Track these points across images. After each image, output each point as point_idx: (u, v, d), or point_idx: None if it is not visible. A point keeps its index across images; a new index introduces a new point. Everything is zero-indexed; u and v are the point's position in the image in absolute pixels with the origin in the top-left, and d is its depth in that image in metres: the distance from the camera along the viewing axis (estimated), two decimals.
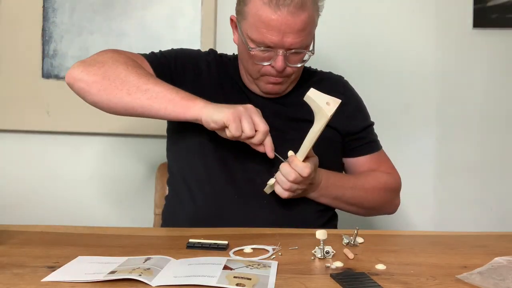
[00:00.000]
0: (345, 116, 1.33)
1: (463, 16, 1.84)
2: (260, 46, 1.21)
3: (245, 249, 0.97)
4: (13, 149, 1.87)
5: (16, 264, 0.87)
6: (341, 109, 1.31)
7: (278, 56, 1.21)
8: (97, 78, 1.17)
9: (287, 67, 1.24)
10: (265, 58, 1.24)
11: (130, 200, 1.87)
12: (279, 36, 1.19)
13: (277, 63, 1.22)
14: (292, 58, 1.24)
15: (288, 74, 1.27)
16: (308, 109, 1.13)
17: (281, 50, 1.21)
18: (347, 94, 1.40)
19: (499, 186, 1.89)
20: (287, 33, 1.19)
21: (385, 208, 1.41)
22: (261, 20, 1.18)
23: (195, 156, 1.29)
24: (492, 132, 1.88)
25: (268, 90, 1.30)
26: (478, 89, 1.87)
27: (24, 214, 1.85)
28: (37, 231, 1.09)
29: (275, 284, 0.78)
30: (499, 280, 0.80)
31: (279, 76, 1.26)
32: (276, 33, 1.18)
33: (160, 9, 1.81)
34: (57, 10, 1.82)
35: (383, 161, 1.42)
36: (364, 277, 0.82)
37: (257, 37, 1.21)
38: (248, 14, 1.22)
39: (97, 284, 0.78)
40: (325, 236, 0.93)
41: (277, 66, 1.22)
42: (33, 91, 1.82)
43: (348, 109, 1.35)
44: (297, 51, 1.23)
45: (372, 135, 1.43)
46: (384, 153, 1.44)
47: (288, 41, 1.20)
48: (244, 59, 1.29)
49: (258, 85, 1.31)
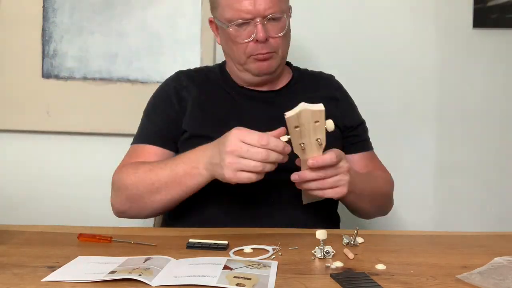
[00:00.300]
0: (340, 111, 1.35)
1: (463, 16, 1.84)
2: (236, 21, 1.23)
3: (245, 249, 0.97)
4: (13, 149, 1.87)
5: (16, 264, 0.87)
6: (337, 105, 1.36)
7: (257, 27, 1.23)
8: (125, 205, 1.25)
9: (270, 38, 1.25)
10: (245, 34, 1.25)
11: None
12: (251, 5, 1.22)
13: (258, 33, 1.23)
14: (272, 28, 1.25)
15: (273, 46, 1.27)
16: None
17: (258, 18, 1.22)
18: (341, 91, 1.43)
19: (499, 186, 1.89)
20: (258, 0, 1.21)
21: (384, 207, 1.40)
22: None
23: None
24: (492, 132, 1.88)
25: (259, 69, 1.29)
26: (478, 89, 1.87)
27: (24, 214, 1.85)
28: (37, 231, 1.09)
29: (275, 284, 0.78)
30: (499, 280, 0.80)
31: (264, 50, 1.25)
32: (246, 1, 1.22)
33: (160, 9, 1.81)
34: (57, 10, 1.82)
35: (377, 161, 1.42)
36: (364, 277, 0.82)
37: (232, 14, 1.24)
38: (220, 2, 1.26)
39: (97, 284, 0.78)
40: (325, 236, 0.93)
41: (259, 36, 1.23)
42: (33, 91, 1.81)
43: (343, 105, 1.39)
44: (274, 17, 1.24)
45: (365, 133, 1.43)
46: (375, 154, 1.44)
47: (261, 7, 1.22)
48: (229, 47, 1.30)
49: (248, 69, 1.30)
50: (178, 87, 1.35)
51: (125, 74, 1.82)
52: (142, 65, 1.82)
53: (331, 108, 1.31)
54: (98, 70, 1.82)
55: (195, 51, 1.81)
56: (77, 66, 1.82)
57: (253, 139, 1.01)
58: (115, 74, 1.82)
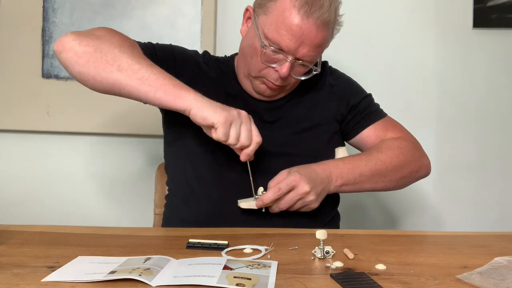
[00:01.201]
0: (336, 97, 1.35)
1: (463, 16, 1.84)
2: (273, 47, 1.19)
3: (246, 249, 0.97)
4: (13, 149, 1.87)
5: (16, 264, 0.87)
6: (332, 91, 1.36)
7: (286, 62, 1.19)
8: (88, 49, 1.11)
9: (289, 76, 1.23)
10: (272, 59, 1.21)
11: (130, 200, 1.87)
12: (296, 44, 1.17)
13: (282, 68, 1.20)
14: (297, 69, 1.23)
15: (288, 83, 1.26)
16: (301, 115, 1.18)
17: (291, 57, 1.19)
18: (335, 75, 1.40)
19: (498, 186, 1.89)
20: (304, 44, 1.17)
21: (413, 173, 1.33)
22: (285, 22, 1.16)
23: (196, 157, 1.28)
24: (492, 132, 1.88)
25: (260, 90, 1.28)
26: (478, 89, 1.87)
27: (24, 214, 1.85)
28: (37, 231, 1.09)
29: (275, 284, 0.78)
30: (499, 280, 0.80)
31: (278, 83, 1.24)
32: (295, 39, 1.17)
33: (160, 9, 1.81)
34: (57, 10, 1.82)
35: (391, 127, 1.37)
36: (364, 277, 0.82)
37: (274, 37, 1.18)
38: (272, 11, 1.18)
39: (97, 284, 0.78)
40: (325, 236, 0.93)
41: (282, 72, 1.20)
42: (33, 91, 1.82)
43: (338, 91, 1.37)
44: (304, 64, 1.22)
45: (371, 105, 1.39)
46: (391, 119, 1.39)
47: (302, 52, 1.19)
48: (249, 54, 1.25)
49: (252, 82, 1.28)
50: (198, 61, 1.34)
51: None
52: None
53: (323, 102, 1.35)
54: None
55: None
56: None
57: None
58: None
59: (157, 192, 1.58)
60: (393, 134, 1.36)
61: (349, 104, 1.36)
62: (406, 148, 1.32)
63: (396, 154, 1.29)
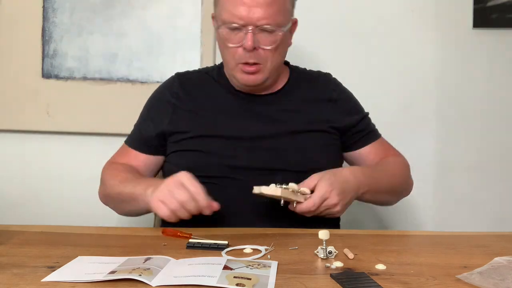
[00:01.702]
0: (339, 112, 1.37)
1: (463, 16, 1.84)
2: (229, 24, 1.22)
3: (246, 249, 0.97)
4: (13, 149, 1.87)
5: (16, 264, 0.87)
6: (335, 106, 1.37)
7: (247, 35, 1.21)
8: (103, 199, 1.36)
9: (259, 49, 1.23)
10: (235, 39, 1.23)
11: None
12: (246, 11, 1.19)
13: (246, 42, 1.21)
14: (263, 38, 1.23)
15: (261, 57, 1.25)
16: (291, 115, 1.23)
17: (250, 26, 1.20)
18: (339, 90, 1.42)
19: (498, 186, 1.89)
20: (254, 7, 1.19)
21: (407, 190, 1.42)
22: None
23: (195, 154, 1.29)
24: (492, 132, 1.88)
25: (244, 80, 1.28)
26: (478, 89, 1.87)
27: (24, 214, 1.85)
28: (37, 231, 1.09)
29: (275, 284, 0.78)
30: (499, 280, 0.80)
31: (251, 59, 1.24)
32: (242, 7, 1.20)
33: (160, 9, 1.81)
34: (57, 10, 1.82)
35: (387, 147, 1.43)
36: (364, 277, 0.82)
37: (227, 17, 1.22)
38: (219, 1, 1.25)
39: (97, 284, 0.78)
40: (328, 236, 0.93)
41: (247, 44, 1.21)
42: (33, 91, 1.82)
43: (342, 105, 1.38)
44: (267, 29, 1.21)
45: (369, 125, 1.43)
46: (384, 140, 1.45)
47: (255, 16, 1.20)
48: (221, 50, 1.29)
49: (235, 76, 1.29)
50: (171, 94, 1.37)
51: (125, 74, 1.82)
52: (142, 65, 1.82)
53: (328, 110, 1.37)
54: (98, 70, 1.82)
55: (195, 51, 1.81)
56: (77, 66, 1.82)
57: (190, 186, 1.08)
58: (115, 74, 1.82)
59: None
60: (391, 154, 1.42)
61: (350, 122, 1.38)
62: (405, 167, 1.41)
63: (400, 174, 1.38)
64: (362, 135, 1.40)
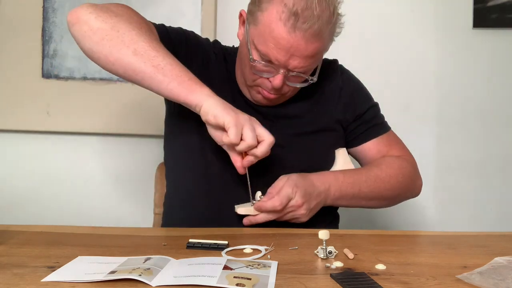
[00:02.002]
0: (343, 102, 1.32)
1: (463, 16, 1.84)
2: (263, 60, 1.16)
3: (246, 249, 0.97)
4: (13, 149, 1.87)
5: (16, 264, 0.87)
6: (339, 95, 1.32)
7: (278, 75, 1.16)
8: (105, 25, 1.05)
9: (284, 85, 1.19)
10: (264, 71, 1.18)
11: (130, 200, 1.87)
12: (286, 57, 1.13)
13: (275, 80, 1.16)
14: (292, 78, 1.19)
15: (284, 92, 1.22)
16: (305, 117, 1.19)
17: (283, 69, 1.16)
18: (343, 77, 1.35)
19: (499, 186, 1.89)
20: (295, 56, 1.13)
21: (408, 193, 1.35)
22: (272, 35, 1.11)
23: (197, 155, 1.25)
24: (492, 132, 1.88)
25: (258, 100, 1.26)
26: (477, 89, 1.87)
27: (24, 214, 1.85)
28: (37, 231, 1.09)
29: (275, 284, 0.78)
30: (499, 280, 0.80)
31: (272, 92, 1.21)
32: (283, 52, 1.12)
33: (160, 9, 1.81)
34: (57, 10, 1.82)
35: (393, 143, 1.36)
36: (364, 277, 0.82)
37: (263, 49, 1.14)
38: (260, 22, 1.14)
39: (97, 284, 0.78)
40: (328, 236, 0.93)
41: (275, 83, 1.17)
42: (33, 91, 1.82)
43: (345, 95, 1.33)
44: (299, 74, 1.18)
45: (377, 117, 1.37)
46: (393, 134, 1.38)
47: (293, 64, 1.14)
48: (243, 63, 1.23)
49: (250, 92, 1.26)
50: (210, 55, 1.30)
51: None
52: None
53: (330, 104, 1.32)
54: (98, 70, 1.82)
55: None
56: (77, 66, 1.82)
57: None
58: None
59: (157, 192, 1.58)
60: (395, 152, 1.35)
61: (356, 112, 1.33)
62: (406, 168, 1.32)
63: (396, 175, 1.29)
64: (366, 127, 1.34)
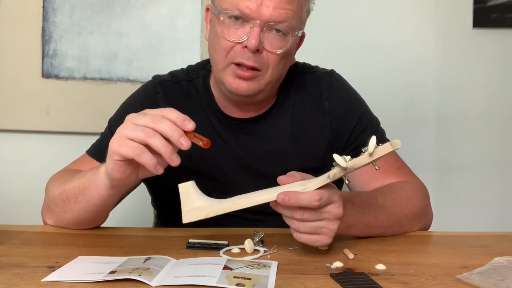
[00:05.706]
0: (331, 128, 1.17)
1: (463, 16, 1.84)
2: (232, 12, 1.01)
3: (233, 249, 0.96)
4: (13, 149, 1.87)
5: (16, 264, 0.87)
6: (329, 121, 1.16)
7: (252, 30, 1.00)
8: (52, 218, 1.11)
9: (263, 51, 1.03)
10: (236, 33, 1.02)
11: (130, 200, 1.86)
12: (256, 2, 0.99)
13: (250, 38, 1.00)
14: (271, 39, 1.03)
15: (263, 62, 1.04)
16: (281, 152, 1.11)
17: (258, 21, 1.00)
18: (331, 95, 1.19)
19: (499, 186, 1.89)
20: (266, 2, 0.99)
21: (421, 223, 1.13)
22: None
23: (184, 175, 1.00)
24: (491, 132, 1.88)
25: (234, 87, 1.06)
26: (477, 89, 1.87)
27: (24, 214, 1.84)
28: (37, 231, 1.09)
29: (275, 284, 0.78)
30: (499, 280, 0.80)
31: (250, 62, 1.02)
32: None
33: (160, 9, 1.81)
34: (57, 10, 1.82)
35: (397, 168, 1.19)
36: (364, 277, 0.82)
37: (230, 4, 1.01)
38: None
39: (97, 284, 0.78)
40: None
41: (250, 42, 0.99)
42: (33, 91, 1.82)
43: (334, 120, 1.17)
44: (279, 27, 1.02)
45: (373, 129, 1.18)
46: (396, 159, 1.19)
47: (268, 11, 0.99)
48: (212, 47, 1.08)
49: (224, 80, 1.07)
50: (152, 105, 1.01)
51: (125, 74, 1.82)
52: (142, 65, 1.82)
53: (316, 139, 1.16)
54: (98, 70, 1.82)
55: (195, 51, 1.81)
56: (77, 66, 1.82)
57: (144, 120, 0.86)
58: (115, 74, 1.82)
59: None
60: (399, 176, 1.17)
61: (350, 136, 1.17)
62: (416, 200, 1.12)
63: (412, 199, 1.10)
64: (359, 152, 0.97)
